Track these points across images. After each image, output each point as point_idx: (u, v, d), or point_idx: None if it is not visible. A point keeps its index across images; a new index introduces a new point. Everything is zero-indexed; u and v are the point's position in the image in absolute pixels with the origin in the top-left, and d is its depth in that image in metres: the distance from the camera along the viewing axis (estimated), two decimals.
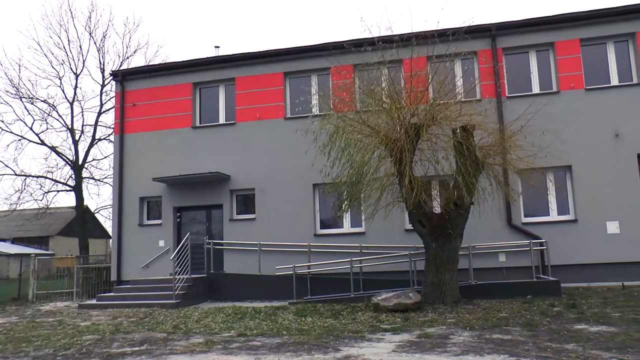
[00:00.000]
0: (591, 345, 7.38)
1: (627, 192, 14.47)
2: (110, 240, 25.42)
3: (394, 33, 11.43)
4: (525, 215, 15.05)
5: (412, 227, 12.60)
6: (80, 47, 28.19)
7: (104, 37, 28.45)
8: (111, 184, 20.76)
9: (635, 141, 14.63)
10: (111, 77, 20.68)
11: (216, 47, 19.49)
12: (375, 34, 11.26)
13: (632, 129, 14.64)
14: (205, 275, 15.43)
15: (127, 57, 29.40)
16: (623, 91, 15.06)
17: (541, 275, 13.57)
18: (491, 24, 15.51)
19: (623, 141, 14.68)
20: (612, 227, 14.47)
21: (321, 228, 16.19)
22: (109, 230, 28.74)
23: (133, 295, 14.37)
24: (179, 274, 14.20)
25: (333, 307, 12.06)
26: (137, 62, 47.29)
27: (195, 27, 59.43)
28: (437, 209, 12.28)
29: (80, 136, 28.41)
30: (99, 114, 28.16)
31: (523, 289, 12.40)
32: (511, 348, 7.37)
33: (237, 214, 16.94)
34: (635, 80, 15.10)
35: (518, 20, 15.66)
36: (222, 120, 17.56)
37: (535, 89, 15.63)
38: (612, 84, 15.27)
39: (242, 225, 16.51)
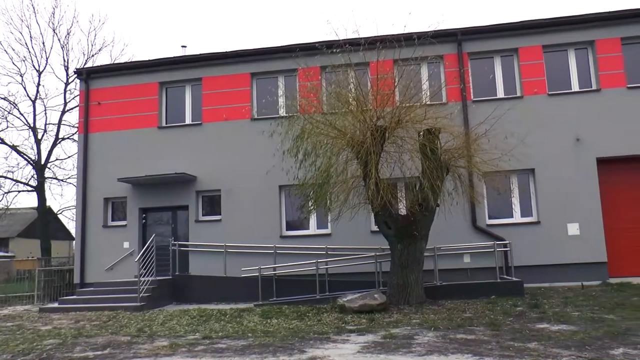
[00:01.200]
0: (552, 343, 7.55)
1: (587, 195, 14.87)
2: (74, 242, 24.86)
3: (361, 36, 11.51)
4: (490, 217, 15.33)
5: (378, 229, 12.72)
6: (44, 43, 27.63)
7: (68, 34, 28.08)
8: (75, 184, 20.40)
9: (594, 145, 15.04)
10: (75, 75, 20.34)
11: (183, 46, 19.39)
12: (342, 36, 11.36)
13: (592, 133, 15.05)
14: (171, 277, 15.24)
15: (92, 55, 28.98)
16: (583, 97, 15.48)
17: (505, 276, 13.79)
18: (457, 29, 15.76)
19: (583, 145, 15.08)
20: (573, 229, 14.85)
21: (287, 230, 16.18)
22: (73, 231, 28.20)
23: (96, 298, 14.11)
24: (143, 276, 13.99)
25: (299, 308, 12.05)
26: (102, 60, 46.48)
27: (162, 26, 58.81)
28: (403, 211, 12.42)
29: (42, 135, 27.82)
30: (63, 112, 27.63)
31: (487, 290, 12.59)
32: (475, 347, 7.48)
33: (203, 215, 16.78)
34: (594, 87, 15.54)
35: (483, 26, 15.95)
36: (188, 120, 17.38)
37: (500, 93, 15.93)
38: (573, 90, 15.68)
39: (208, 227, 16.36)
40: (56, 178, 28.74)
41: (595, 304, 10.74)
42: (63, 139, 28.13)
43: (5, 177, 27.05)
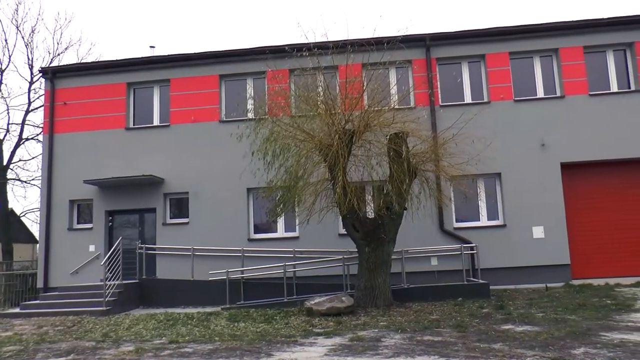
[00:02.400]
0: (516, 344, 7.68)
1: (551, 199, 15.20)
2: (37, 245, 24.26)
3: (330, 40, 11.52)
4: (457, 221, 15.54)
5: (345, 232, 12.73)
6: (6, 40, 27.01)
7: (32, 31, 27.48)
8: (39, 185, 19.90)
9: (559, 151, 15.39)
10: (40, 74, 19.87)
11: (151, 47, 19.11)
12: (311, 40, 11.31)
13: (557, 139, 15.40)
14: (137, 280, 15.00)
15: (58, 54, 28.42)
16: (548, 103, 15.83)
17: (471, 278, 14.02)
18: (425, 34, 15.96)
19: (548, 150, 15.41)
20: (538, 232, 15.15)
21: (255, 232, 16.12)
22: (36, 234, 27.50)
23: (60, 303, 13.74)
24: (110, 280, 13.74)
25: (266, 312, 11.99)
26: (68, 59, 45.68)
27: (131, 26, 57.96)
28: (371, 214, 12.45)
29: (5, 135, 27.10)
30: (27, 112, 26.97)
31: (454, 292, 12.73)
32: (441, 349, 7.56)
33: (170, 218, 16.57)
34: (558, 94, 15.91)
35: (451, 32, 16.18)
36: (156, 122, 17.17)
37: (467, 98, 16.17)
38: (538, 96, 16.03)
39: (175, 230, 16.17)
40: (19, 179, 28.09)
41: (558, 305, 10.98)
42: (27, 139, 27.47)
43: None
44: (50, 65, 25.22)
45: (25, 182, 28.13)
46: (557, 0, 53.72)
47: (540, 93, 16.09)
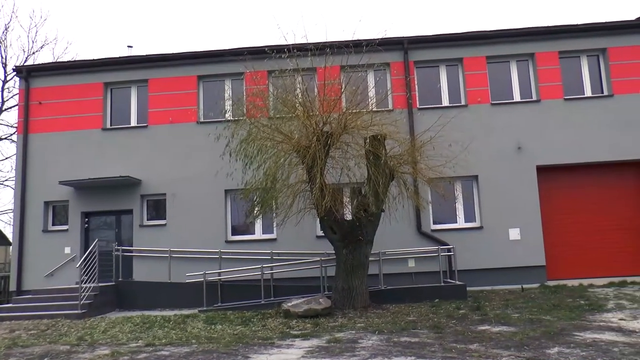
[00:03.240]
0: (493, 344, 7.78)
1: (527, 201, 15.41)
2: (11, 247, 23.85)
3: (310, 41, 11.55)
4: (434, 223, 15.66)
5: (323, 234, 12.76)
6: None
7: (6, 29, 27.02)
8: (13, 186, 19.54)
9: (535, 154, 15.62)
10: (15, 72, 19.44)
11: (129, 46, 18.84)
12: (290, 41, 11.37)
13: (532, 142, 15.63)
14: (114, 283, 14.81)
15: (33, 53, 28.04)
16: (524, 107, 16.05)
17: (448, 280, 14.12)
18: (403, 37, 16.05)
19: (524, 153, 15.63)
20: (514, 234, 15.35)
21: (233, 234, 16.06)
22: (10, 236, 26.99)
23: (34, 306, 13.51)
24: (85, 283, 13.50)
25: (243, 314, 11.94)
26: (44, 58, 44.88)
27: (108, 25, 57.30)
28: (348, 216, 12.50)
29: None
30: (0, 111, 26.48)
31: (431, 293, 12.80)
32: (418, 350, 7.62)
33: (147, 219, 16.42)
34: (534, 97, 16.15)
35: (429, 35, 16.33)
36: (133, 122, 17.00)
37: (445, 101, 16.31)
38: (515, 100, 16.25)
39: (152, 231, 16.02)
40: None
41: (533, 306, 11.13)
42: (1, 139, 27.01)
43: None
44: (25, 64, 24.71)
45: None
46: (533, 5, 54.57)
47: (517, 97, 16.32)
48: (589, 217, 15.77)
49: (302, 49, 11.63)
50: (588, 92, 16.29)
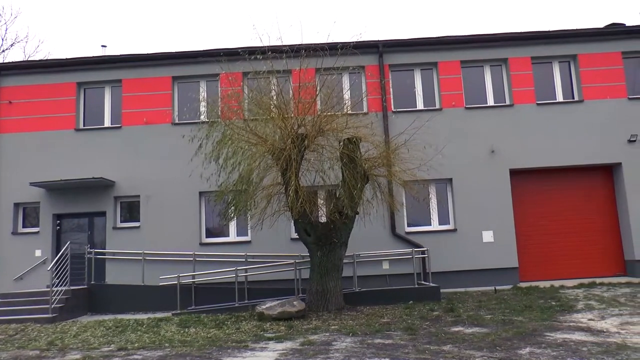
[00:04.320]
0: (466, 345, 7.89)
1: (500, 204, 15.63)
2: None
3: (285, 43, 11.53)
4: (409, 225, 15.78)
5: (297, 236, 12.75)
6: None
7: None
8: None
9: (508, 157, 15.85)
10: None
11: (103, 46, 18.61)
12: (266, 43, 11.32)
13: (505, 146, 15.86)
14: (86, 286, 14.59)
15: (3, 51, 27.43)
16: (498, 111, 16.29)
17: (422, 282, 14.24)
18: (378, 40, 16.16)
19: (497, 157, 15.84)
20: (487, 236, 15.54)
21: (207, 237, 15.97)
22: None
23: (3, 311, 13.17)
24: (57, 286, 13.31)
25: (217, 317, 11.88)
26: (14, 56, 43.97)
27: (81, 24, 56.37)
28: (323, 218, 12.52)
29: None
30: None
31: (405, 295, 12.86)
32: (392, 352, 7.68)
33: (121, 221, 16.22)
34: (508, 102, 16.39)
35: (404, 39, 16.46)
36: (107, 123, 16.79)
37: (420, 105, 16.46)
38: (488, 104, 16.48)
39: (126, 234, 15.83)
40: None
41: (506, 307, 11.29)
42: None
43: None
44: None
45: None
46: (507, 11, 55.42)
47: (491, 101, 16.55)
48: (560, 220, 16.08)
49: (277, 51, 11.60)
50: (560, 98, 16.60)
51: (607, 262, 15.98)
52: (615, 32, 16.82)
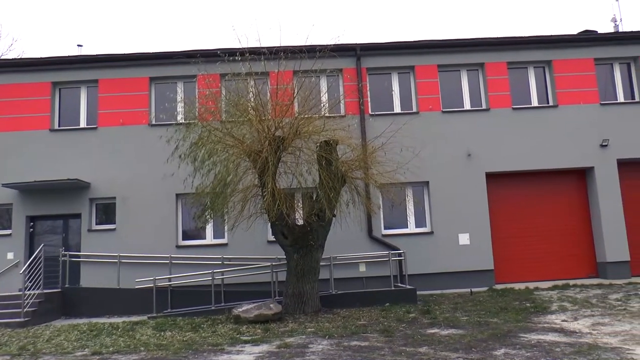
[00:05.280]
0: (442, 347, 7.96)
1: (476, 207, 15.83)
2: None
3: (263, 45, 11.52)
4: (385, 228, 15.87)
5: (274, 239, 12.71)
6: None
7: None
8: None
9: (484, 161, 16.06)
10: None
11: (79, 45, 18.39)
12: (244, 44, 11.31)
13: (482, 150, 16.06)
14: (60, 290, 14.33)
15: None
16: (474, 115, 16.49)
17: (399, 284, 14.28)
18: (356, 44, 16.21)
19: (474, 160, 16.04)
20: (464, 239, 15.70)
21: (184, 239, 15.86)
22: None
23: None
24: (29, 289, 13.05)
25: (193, 320, 11.79)
26: None
27: (57, 23, 55.52)
28: (300, 221, 12.53)
29: None
30: None
31: (382, 297, 12.93)
32: (368, 354, 7.71)
33: (96, 224, 16.02)
34: (484, 106, 16.61)
35: (382, 43, 16.54)
36: (83, 123, 16.58)
37: (397, 108, 16.59)
38: (465, 108, 16.68)
39: (101, 236, 15.64)
40: None
41: (482, 309, 11.42)
42: None
43: None
44: None
45: None
46: (483, 16, 56.14)
47: (467, 105, 16.75)
48: (535, 223, 16.34)
49: (255, 53, 11.60)
50: (535, 102, 16.87)
51: (580, 264, 16.28)
52: (588, 39, 17.17)
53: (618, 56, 17.08)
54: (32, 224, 16.01)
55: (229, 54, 11.73)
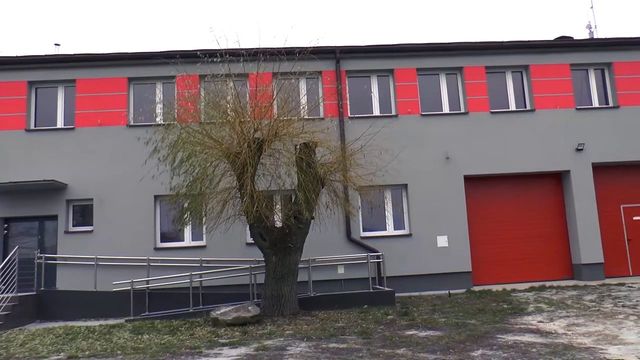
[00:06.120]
0: (420, 348, 8.01)
1: (454, 209, 15.97)
2: None
3: (242, 47, 11.49)
4: (364, 230, 15.92)
5: (253, 241, 12.71)
6: None
7: None
8: None
9: (462, 164, 16.22)
10: None
11: (56, 44, 18.02)
12: (223, 46, 11.26)
13: (460, 153, 16.22)
14: (35, 293, 14.08)
15: None
16: (453, 119, 16.65)
17: (377, 286, 14.34)
18: (336, 46, 16.27)
19: (452, 163, 16.18)
20: (442, 241, 15.83)
21: (162, 241, 15.72)
22: None
23: None
24: (3, 292, 12.85)
25: (171, 323, 11.69)
26: None
27: (33, 21, 54.67)
28: (278, 223, 12.50)
29: None
30: None
31: (360, 299, 12.97)
32: (346, 356, 7.73)
33: (73, 225, 15.78)
34: (463, 110, 16.77)
35: (361, 46, 16.64)
36: (60, 124, 16.35)
37: (376, 111, 16.66)
38: (443, 112, 16.82)
39: (78, 238, 15.42)
40: None
41: (460, 310, 11.52)
42: None
43: None
44: None
45: None
46: (462, 21, 56.67)
47: (446, 109, 16.91)
48: (512, 225, 16.54)
49: (234, 54, 11.55)
50: (512, 106, 17.11)
51: (557, 266, 16.55)
52: (565, 44, 17.47)
53: (593, 62, 17.40)
54: (6, 225, 15.75)
55: (208, 55, 11.66)
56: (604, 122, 16.81)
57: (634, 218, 17.00)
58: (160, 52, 15.93)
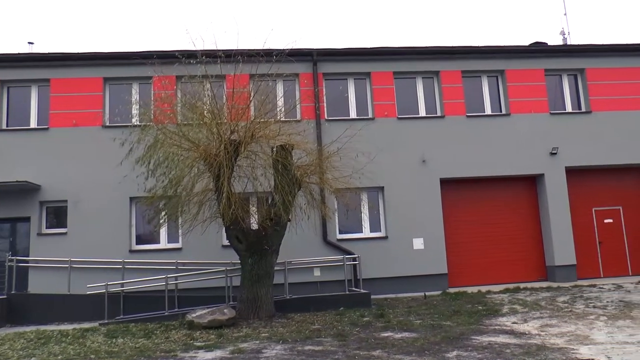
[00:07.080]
0: (395, 350, 8.07)
1: (430, 212, 16.12)
2: None
3: (220, 48, 11.45)
4: (340, 232, 15.96)
5: (229, 243, 12.68)
6: None
7: None
8: None
9: (438, 167, 16.37)
10: None
11: (30, 43, 17.73)
12: (199, 47, 11.23)
13: (436, 156, 16.37)
14: (5, 296, 13.83)
15: None
16: (429, 122, 16.81)
17: (353, 288, 14.42)
18: (313, 49, 16.29)
19: (428, 166, 16.33)
20: (418, 244, 15.95)
21: (137, 243, 15.54)
22: None
23: None
24: None
25: (146, 326, 11.59)
26: None
27: (6, 19, 53.62)
28: (255, 225, 12.49)
29: None
30: None
31: (336, 302, 12.98)
32: (322, 358, 7.77)
33: (46, 227, 15.50)
34: (439, 113, 16.94)
35: (338, 49, 16.69)
36: (33, 124, 16.07)
37: (353, 114, 16.74)
38: (420, 115, 16.97)
39: (52, 240, 15.16)
40: None
41: (435, 312, 11.63)
42: None
43: None
44: None
45: None
46: (438, 25, 57.26)
47: (422, 112, 17.06)
48: (487, 228, 16.76)
49: (211, 56, 11.52)
50: (488, 111, 17.34)
51: (531, 268, 16.81)
52: (539, 50, 17.80)
53: (566, 67, 17.73)
54: None
55: (186, 56, 11.61)
56: (577, 127, 17.14)
57: (605, 221, 17.37)
58: (137, 52, 15.71)
